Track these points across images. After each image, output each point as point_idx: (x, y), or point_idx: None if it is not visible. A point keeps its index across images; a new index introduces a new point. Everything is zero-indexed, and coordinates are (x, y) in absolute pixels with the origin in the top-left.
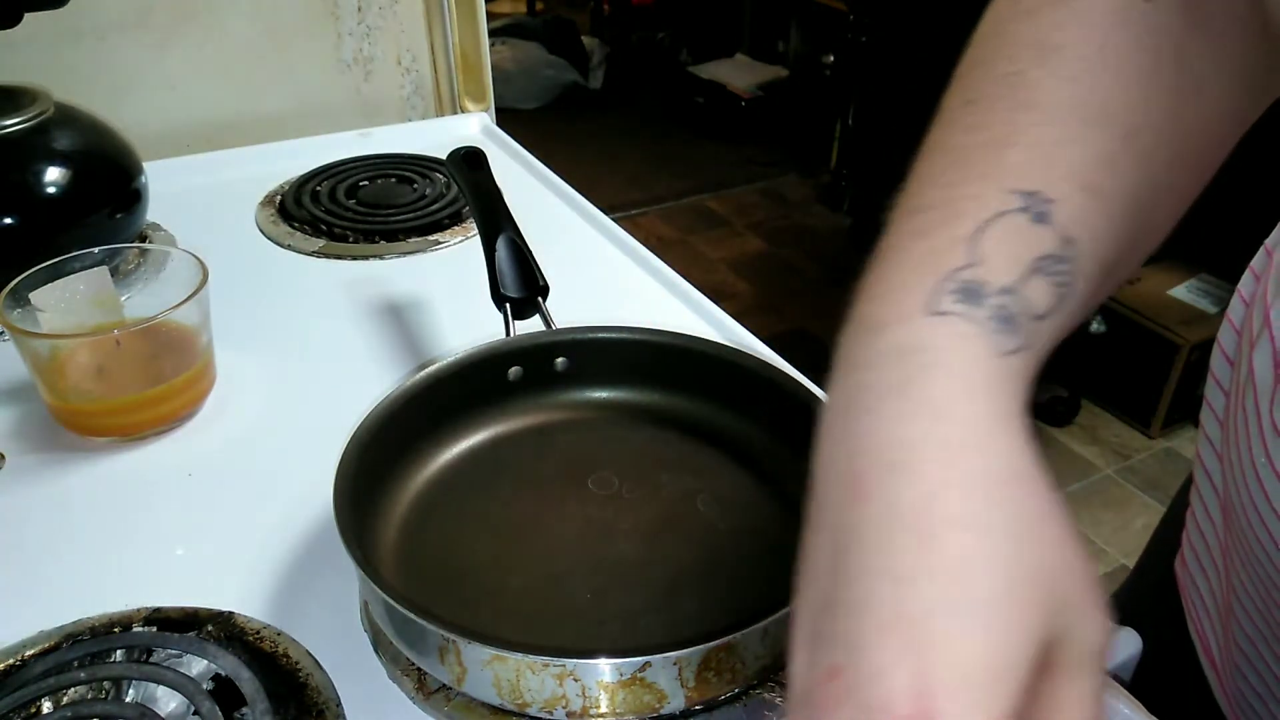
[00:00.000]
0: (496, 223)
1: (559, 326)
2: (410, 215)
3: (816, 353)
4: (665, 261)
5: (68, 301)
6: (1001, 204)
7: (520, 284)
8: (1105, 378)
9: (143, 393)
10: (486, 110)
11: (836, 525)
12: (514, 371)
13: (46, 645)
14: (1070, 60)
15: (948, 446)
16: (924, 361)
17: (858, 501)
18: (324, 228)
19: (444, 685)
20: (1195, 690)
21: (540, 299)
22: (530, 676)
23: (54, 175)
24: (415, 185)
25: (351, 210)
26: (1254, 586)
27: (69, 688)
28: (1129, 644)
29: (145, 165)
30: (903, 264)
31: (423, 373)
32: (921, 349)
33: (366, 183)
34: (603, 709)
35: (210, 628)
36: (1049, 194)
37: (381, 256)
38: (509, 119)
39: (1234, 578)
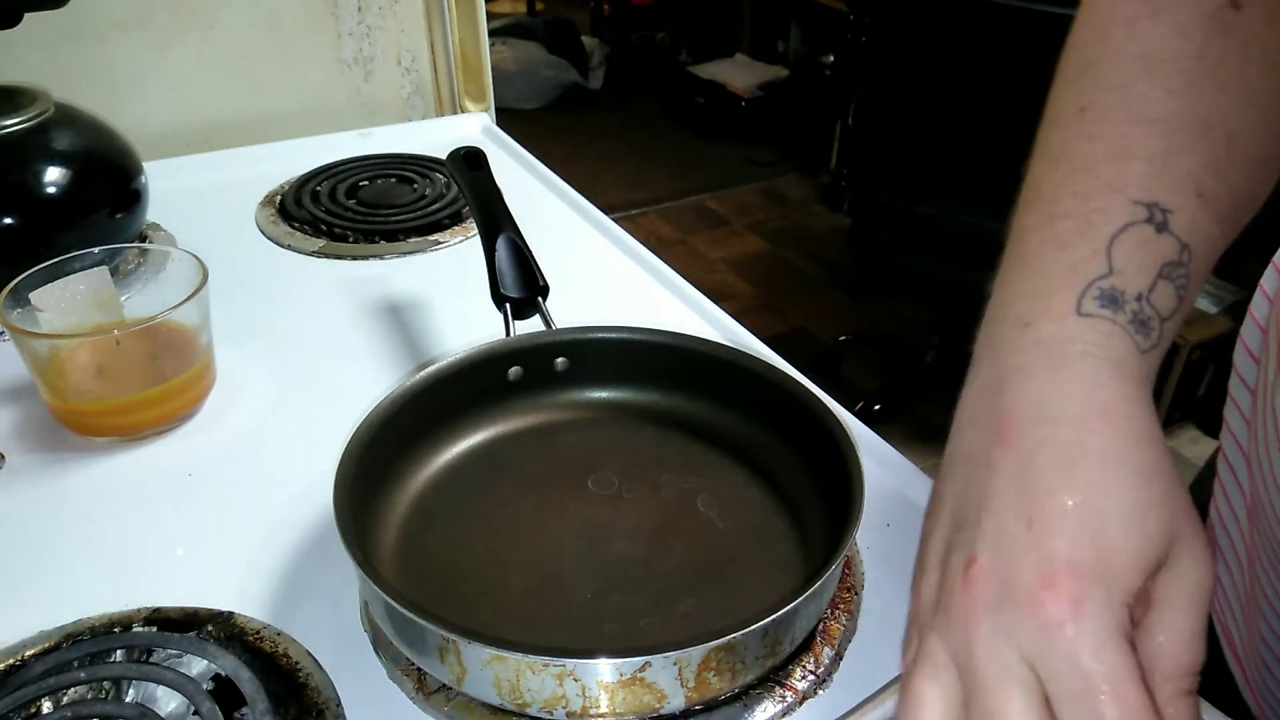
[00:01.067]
0: (496, 223)
1: (559, 326)
2: (410, 215)
3: (816, 353)
4: (665, 261)
5: (68, 301)
6: (1129, 215)
7: (520, 284)
8: None
9: (143, 393)
10: (486, 110)
11: (975, 463)
12: (514, 371)
13: (46, 645)
14: (1173, 73)
15: (1093, 408)
16: (1076, 350)
17: (1002, 445)
18: (324, 228)
19: (444, 685)
20: (1221, 687)
21: (540, 299)
22: (530, 676)
23: (54, 175)
24: (415, 185)
25: (351, 210)
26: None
27: (69, 688)
28: None
29: (145, 165)
30: (1049, 271)
31: (423, 373)
32: (1072, 340)
33: (366, 183)
34: (603, 709)
35: (210, 628)
36: (1166, 204)
37: (381, 256)
38: (509, 119)
39: (1259, 574)
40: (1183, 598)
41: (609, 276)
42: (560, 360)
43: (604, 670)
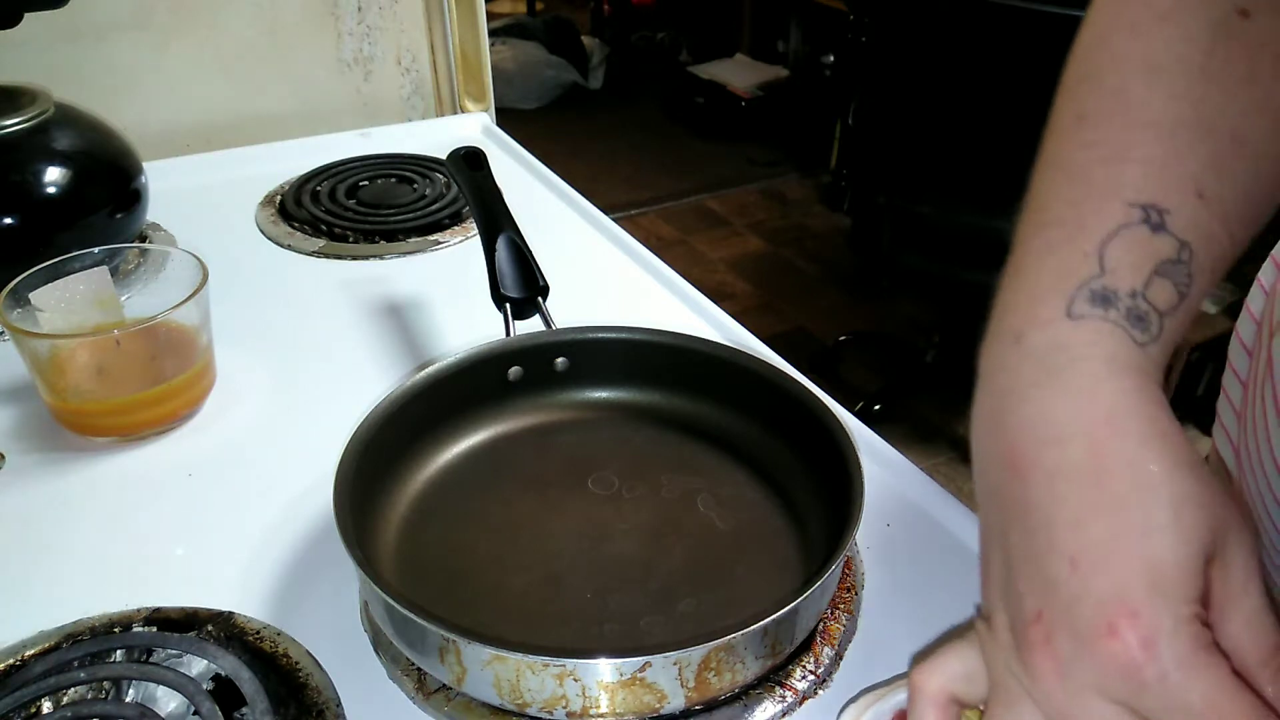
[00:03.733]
0: (496, 223)
1: (559, 326)
2: (410, 215)
3: (816, 353)
4: (665, 261)
5: (68, 301)
6: (1122, 217)
7: (520, 284)
8: None
9: (143, 393)
10: (486, 110)
11: (1002, 504)
12: (514, 371)
13: (46, 645)
14: (1176, 77)
15: (1097, 416)
16: (1069, 356)
17: (1017, 478)
18: (324, 228)
19: (444, 685)
20: None
21: (540, 299)
22: (530, 676)
23: (54, 175)
24: (415, 185)
25: (351, 210)
26: (1265, 579)
27: (69, 688)
28: None
29: (145, 165)
30: (1038, 278)
31: (423, 373)
32: (1063, 347)
33: (366, 183)
34: (603, 709)
35: (210, 628)
36: (1163, 204)
37: (381, 256)
38: (509, 119)
39: None
40: (1238, 582)
41: (609, 276)
42: (560, 360)
43: (604, 670)
